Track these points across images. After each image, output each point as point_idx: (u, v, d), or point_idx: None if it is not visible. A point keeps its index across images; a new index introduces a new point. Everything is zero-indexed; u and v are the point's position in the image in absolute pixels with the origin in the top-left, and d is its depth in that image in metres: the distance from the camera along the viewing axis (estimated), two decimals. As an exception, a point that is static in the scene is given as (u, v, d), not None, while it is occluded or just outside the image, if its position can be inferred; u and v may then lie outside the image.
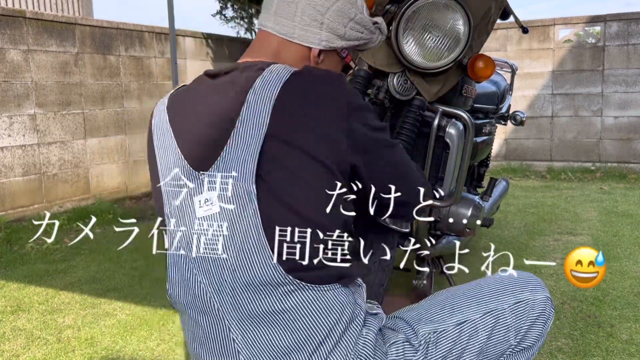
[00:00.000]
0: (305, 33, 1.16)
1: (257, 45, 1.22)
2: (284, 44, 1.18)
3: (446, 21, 1.73)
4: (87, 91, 5.92)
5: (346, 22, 1.18)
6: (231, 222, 1.07)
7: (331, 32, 1.17)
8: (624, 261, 3.59)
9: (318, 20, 1.16)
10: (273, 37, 1.18)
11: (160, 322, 2.89)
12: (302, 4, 1.15)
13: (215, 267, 1.09)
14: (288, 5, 1.16)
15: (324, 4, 1.16)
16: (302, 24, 1.15)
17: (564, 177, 6.98)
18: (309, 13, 1.15)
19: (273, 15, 1.18)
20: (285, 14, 1.16)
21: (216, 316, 1.11)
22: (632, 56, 6.99)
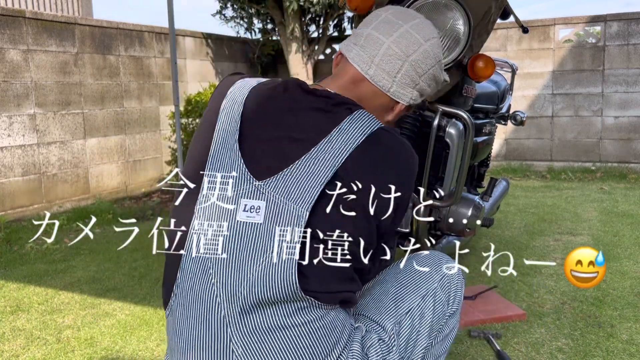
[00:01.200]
0: (401, 91, 1.20)
1: (346, 80, 1.21)
2: (376, 94, 1.20)
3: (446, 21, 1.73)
4: (87, 91, 5.92)
5: (432, 83, 1.24)
6: (268, 238, 1.06)
7: (420, 92, 1.23)
8: (624, 261, 3.59)
9: (415, 82, 1.20)
10: (367, 84, 1.20)
11: (160, 322, 2.89)
12: (406, 66, 1.18)
13: (235, 275, 1.07)
14: (393, 62, 1.17)
15: (424, 68, 1.20)
16: (401, 82, 1.19)
17: (564, 177, 6.98)
18: (411, 75, 1.19)
19: (375, 65, 1.18)
20: (388, 69, 1.18)
21: (219, 323, 1.09)
22: (632, 56, 6.99)
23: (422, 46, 1.18)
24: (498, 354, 2.42)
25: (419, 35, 1.19)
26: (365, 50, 1.18)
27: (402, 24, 1.20)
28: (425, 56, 1.19)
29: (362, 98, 1.18)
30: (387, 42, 1.17)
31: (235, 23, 8.06)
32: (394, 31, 1.18)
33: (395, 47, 1.17)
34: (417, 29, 1.20)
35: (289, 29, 7.43)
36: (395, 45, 1.17)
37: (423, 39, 1.19)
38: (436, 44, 1.22)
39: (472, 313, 2.80)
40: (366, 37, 1.19)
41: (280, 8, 7.35)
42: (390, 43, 1.17)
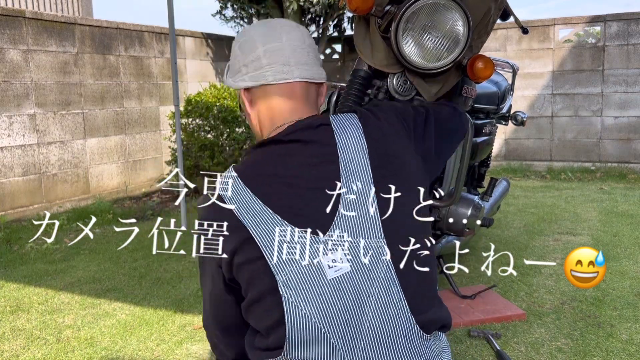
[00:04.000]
0: (319, 70, 1.24)
1: (296, 96, 1.23)
2: (307, 87, 1.23)
3: (446, 22, 1.73)
4: (87, 91, 5.92)
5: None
6: (366, 280, 1.09)
7: (320, 66, 1.28)
8: (624, 261, 3.60)
9: (317, 57, 1.26)
10: (298, 85, 1.22)
11: (160, 322, 2.89)
12: (306, 48, 1.22)
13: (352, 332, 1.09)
14: (300, 52, 1.21)
15: (314, 44, 1.26)
16: (315, 63, 1.23)
17: (564, 177, 6.98)
18: (314, 54, 1.24)
19: (295, 65, 1.21)
20: (304, 60, 1.22)
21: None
22: (632, 56, 6.99)
23: (301, 29, 1.26)
24: (498, 354, 2.42)
25: (291, 26, 1.26)
26: (277, 62, 1.21)
27: (276, 26, 1.25)
28: (309, 35, 1.27)
29: (305, 101, 1.23)
30: (284, 43, 1.21)
31: (235, 23, 8.06)
32: (279, 34, 1.23)
33: (293, 41, 1.22)
34: (285, 24, 1.27)
35: (289, 29, 7.44)
36: (292, 40, 1.22)
37: (295, 26, 1.27)
38: (300, 25, 1.30)
39: (472, 313, 2.80)
40: (263, 55, 1.21)
41: (280, 8, 7.35)
42: (286, 42, 1.22)
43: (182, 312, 3.02)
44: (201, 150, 6.13)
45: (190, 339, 2.70)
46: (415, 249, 1.12)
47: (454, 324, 2.63)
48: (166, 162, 6.87)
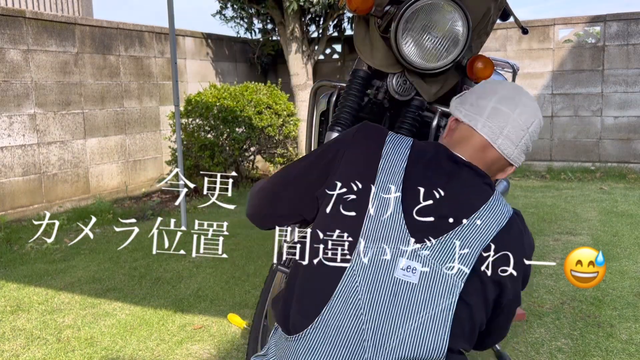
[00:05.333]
0: (518, 156, 1.33)
1: (476, 148, 1.32)
2: (499, 160, 1.32)
3: (445, 22, 1.73)
4: (87, 91, 5.92)
5: (530, 145, 1.37)
6: (422, 300, 1.13)
7: (525, 155, 1.37)
8: (624, 261, 3.60)
9: (528, 148, 1.34)
10: (494, 151, 1.31)
11: (160, 322, 2.90)
12: (527, 136, 1.31)
13: (387, 327, 1.13)
14: (518, 132, 1.31)
15: (535, 137, 1.35)
16: (520, 150, 1.32)
17: (563, 177, 6.98)
18: (527, 143, 1.33)
19: (503, 136, 1.30)
20: (514, 139, 1.31)
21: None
22: (632, 56, 6.99)
23: (537, 117, 1.33)
24: (498, 354, 2.43)
25: (533, 108, 1.35)
26: (493, 122, 1.31)
27: (520, 98, 1.34)
28: (538, 126, 1.35)
29: (488, 163, 1.32)
30: (513, 115, 1.30)
31: (235, 23, 8.06)
32: (516, 105, 1.32)
33: (519, 119, 1.31)
34: (531, 103, 1.35)
35: (289, 29, 7.43)
36: (519, 118, 1.31)
37: (536, 111, 1.35)
38: (541, 115, 1.38)
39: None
40: (491, 110, 1.32)
41: (280, 8, 7.35)
42: (515, 116, 1.31)
43: (182, 312, 3.02)
44: (201, 150, 6.13)
45: (190, 339, 2.70)
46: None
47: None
48: (166, 162, 6.87)
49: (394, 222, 1.17)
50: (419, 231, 1.16)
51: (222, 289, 3.33)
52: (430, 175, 1.24)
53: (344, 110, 1.92)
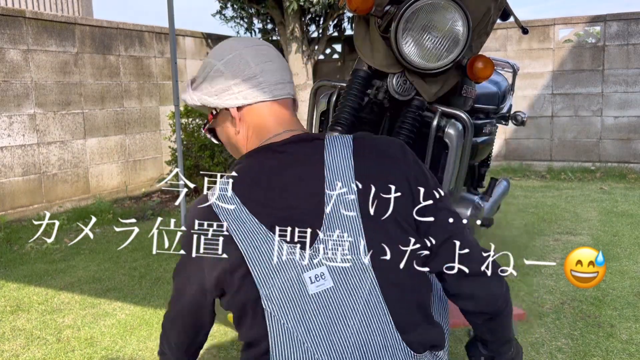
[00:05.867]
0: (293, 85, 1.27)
1: (287, 114, 1.23)
2: (293, 103, 1.26)
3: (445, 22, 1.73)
4: (87, 91, 5.92)
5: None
6: (349, 294, 1.08)
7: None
8: (624, 261, 3.60)
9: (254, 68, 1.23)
10: (289, 101, 1.26)
11: (160, 322, 2.90)
12: (286, 64, 1.27)
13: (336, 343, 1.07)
14: (287, 70, 1.25)
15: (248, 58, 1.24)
16: (292, 81, 1.27)
17: (564, 177, 6.98)
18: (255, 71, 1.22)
19: (287, 83, 1.24)
20: (289, 78, 1.25)
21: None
22: (632, 56, 6.99)
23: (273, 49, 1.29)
24: (498, 354, 2.42)
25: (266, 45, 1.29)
26: (271, 82, 1.22)
27: (250, 44, 1.25)
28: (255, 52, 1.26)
29: (293, 116, 1.25)
30: (256, 67, 1.21)
31: (235, 23, 8.06)
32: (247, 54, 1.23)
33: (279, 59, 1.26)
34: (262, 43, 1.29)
35: (289, 29, 7.43)
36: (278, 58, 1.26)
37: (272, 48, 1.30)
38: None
39: (472, 313, 2.80)
40: (260, 73, 1.22)
41: (280, 8, 7.35)
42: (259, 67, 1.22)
43: (182, 312, 3.02)
44: (201, 150, 6.13)
45: (190, 339, 2.70)
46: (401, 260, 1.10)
47: (454, 323, 2.63)
48: (166, 162, 6.87)
49: (279, 257, 1.09)
50: (301, 241, 1.09)
51: (222, 289, 3.33)
52: (271, 194, 1.13)
53: (344, 110, 1.92)
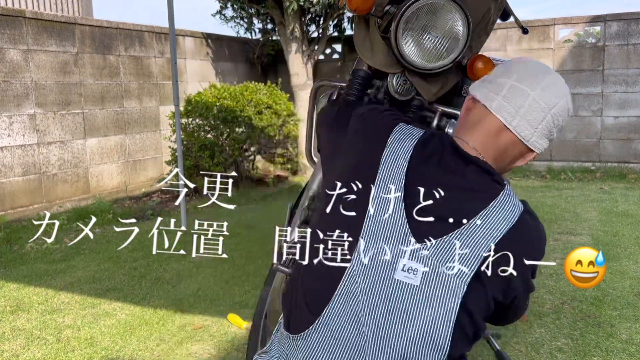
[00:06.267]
0: (539, 141, 1.21)
1: (489, 130, 1.23)
2: (516, 144, 1.21)
3: (445, 22, 1.73)
4: (87, 91, 5.92)
5: (559, 134, 1.27)
6: (424, 302, 1.10)
7: (550, 141, 1.25)
8: (624, 261, 3.60)
9: (551, 132, 1.22)
10: (509, 134, 1.21)
11: (160, 322, 2.90)
12: (548, 118, 1.20)
13: (388, 330, 1.10)
14: (537, 113, 1.19)
15: (560, 121, 1.22)
16: (541, 133, 1.20)
17: (563, 177, 6.98)
18: (549, 126, 1.21)
19: (519, 116, 1.19)
20: (531, 120, 1.19)
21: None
22: (632, 56, 6.99)
23: (562, 99, 1.21)
24: (498, 354, 2.42)
25: (558, 88, 1.23)
26: (510, 102, 1.20)
27: (543, 77, 1.23)
28: (563, 109, 1.22)
29: (501, 148, 1.22)
30: (532, 94, 1.19)
31: (235, 23, 8.06)
32: (537, 84, 1.21)
33: (540, 99, 1.20)
34: (556, 82, 1.24)
35: (289, 29, 7.43)
36: (540, 97, 1.20)
37: (562, 92, 1.23)
38: (570, 99, 1.25)
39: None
40: (509, 88, 1.21)
41: (280, 8, 7.35)
42: (535, 95, 1.19)
43: (182, 312, 3.02)
44: (201, 150, 6.13)
45: (190, 339, 2.70)
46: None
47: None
48: (166, 162, 6.87)
49: (394, 222, 1.13)
50: (420, 231, 1.13)
51: (222, 289, 3.33)
52: (433, 173, 1.18)
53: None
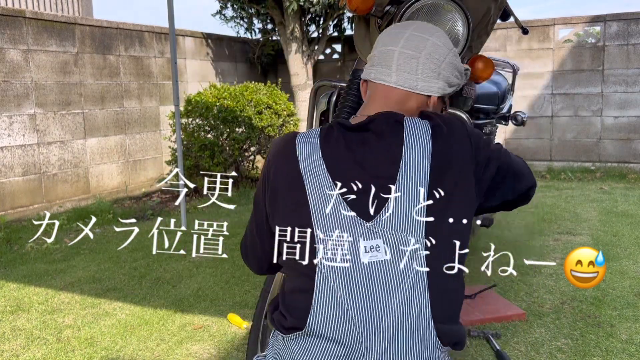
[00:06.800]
0: (427, 84, 1.29)
1: (379, 97, 1.30)
2: (407, 96, 1.29)
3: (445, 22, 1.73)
4: (87, 91, 5.92)
5: (454, 71, 1.33)
6: (397, 270, 1.13)
7: (444, 80, 1.31)
8: (624, 261, 3.60)
9: (436, 72, 1.29)
10: (396, 91, 1.29)
11: (160, 322, 2.90)
12: (422, 59, 1.28)
13: (373, 308, 1.13)
14: (409, 61, 1.28)
15: (440, 58, 1.30)
16: (424, 76, 1.28)
17: (563, 177, 6.98)
18: (429, 66, 1.28)
19: (395, 71, 1.28)
20: (408, 69, 1.28)
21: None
22: (632, 56, 6.99)
23: (429, 40, 1.29)
24: (498, 354, 2.43)
25: (422, 34, 1.30)
26: (382, 64, 1.29)
27: (404, 31, 1.31)
28: (435, 47, 1.29)
29: (399, 105, 1.28)
30: (398, 49, 1.28)
31: (235, 23, 8.07)
32: (399, 39, 1.30)
33: (406, 49, 1.28)
34: (419, 30, 1.31)
35: (289, 29, 7.43)
36: (406, 48, 1.28)
37: (427, 35, 1.30)
38: (442, 35, 1.33)
39: (472, 313, 2.81)
40: (378, 55, 1.31)
41: (280, 8, 7.35)
42: (400, 49, 1.28)
43: (182, 312, 3.02)
44: (201, 150, 6.13)
45: (190, 338, 2.70)
46: (451, 257, 1.17)
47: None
48: (166, 162, 6.87)
49: (336, 212, 1.16)
50: (362, 209, 1.15)
51: (222, 289, 3.34)
52: (343, 154, 1.21)
53: (344, 110, 1.93)
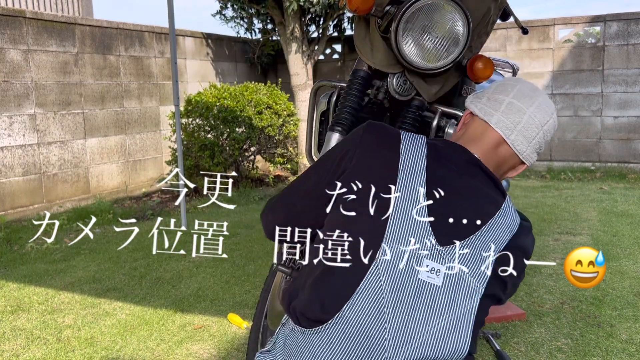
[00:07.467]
0: (531, 154, 1.34)
1: (488, 143, 1.32)
2: (512, 157, 1.33)
3: (445, 22, 1.73)
4: (87, 91, 5.92)
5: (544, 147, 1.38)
6: (445, 301, 1.15)
7: (537, 155, 1.37)
8: (624, 261, 3.60)
9: (541, 147, 1.35)
10: (507, 147, 1.32)
11: (160, 322, 2.90)
12: (541, 133, 1.32)
13: (409, 328, 1.13)
14: (532, 129, 1.31)
15: (549, 136, 1.35)
16: (533, 147, 1.33)
17: (563, 177, 6.98)
18: (540, 141, 1.33)
19: (517, 131, 1.31)
20: (527, 135, 1.31)
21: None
22: (632, 56, 6.99)
23: (552, 117, 1.34)
24: (498, 354, 2.43)
25: (549, 108, 1.35)
26: (508, 117, 1.31)
27: (537, 96, 1.35)
28: (553, 126, 1.35)
29: (500, 160, 1.33)
30: (528, 111, 1.31)
31: (235, 23, 8.06)
32: (532, 102, 1.33)
33: (535, 116, 1.32)
34: (547, 102, 1.36)
35: (289, 29, 7.43)
36: (535, 115, 1.32)
37: (552, 111, 1.35)
38: (556, 117, 1.38)
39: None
40: (507, 104, 1.33)
41: (280, 8, 7.35)
42: (530, 113, 1.31)
43: (182, 312, 3.02)
44: (201, 150, 6.13)
45: (190, 338, 2.70)
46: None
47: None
48: (166, 162, 6.87)
49: (417, 224, 1.17)
50: (442, 233, 1.17)
51: (222, 289, 3.34)
52: (451, 177, 1.24)
53: (344, 111, 1.93)
